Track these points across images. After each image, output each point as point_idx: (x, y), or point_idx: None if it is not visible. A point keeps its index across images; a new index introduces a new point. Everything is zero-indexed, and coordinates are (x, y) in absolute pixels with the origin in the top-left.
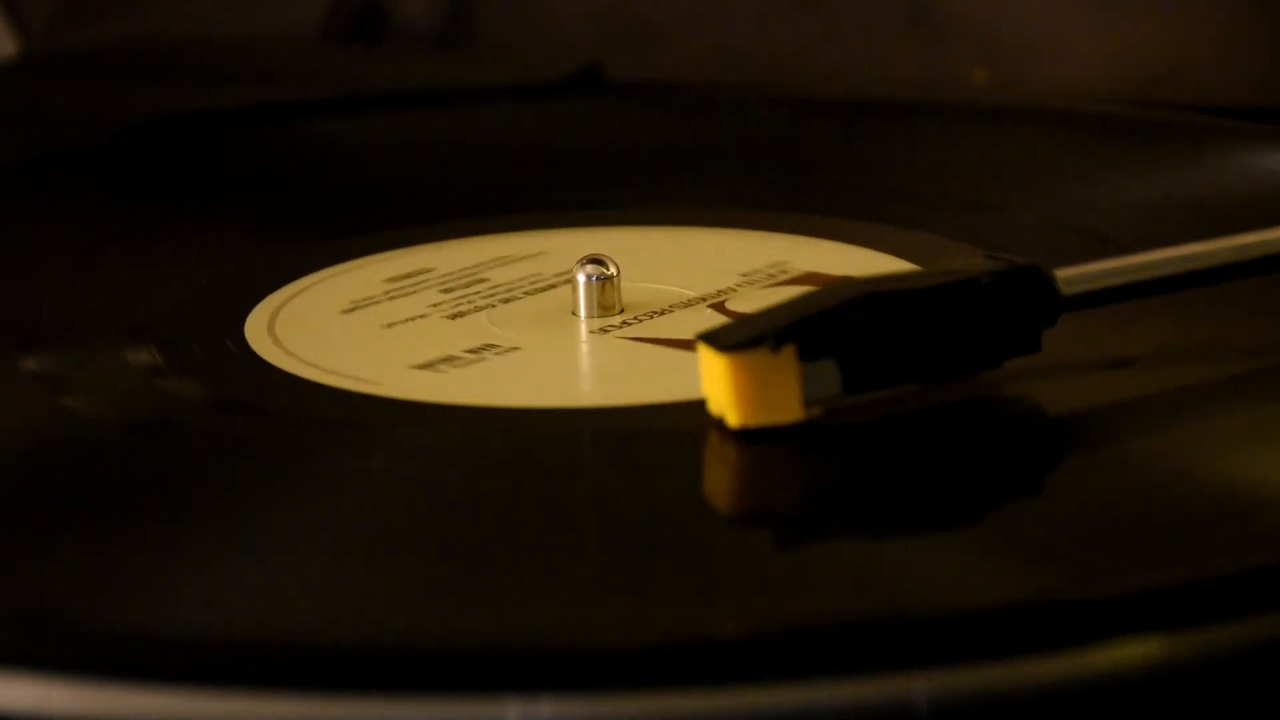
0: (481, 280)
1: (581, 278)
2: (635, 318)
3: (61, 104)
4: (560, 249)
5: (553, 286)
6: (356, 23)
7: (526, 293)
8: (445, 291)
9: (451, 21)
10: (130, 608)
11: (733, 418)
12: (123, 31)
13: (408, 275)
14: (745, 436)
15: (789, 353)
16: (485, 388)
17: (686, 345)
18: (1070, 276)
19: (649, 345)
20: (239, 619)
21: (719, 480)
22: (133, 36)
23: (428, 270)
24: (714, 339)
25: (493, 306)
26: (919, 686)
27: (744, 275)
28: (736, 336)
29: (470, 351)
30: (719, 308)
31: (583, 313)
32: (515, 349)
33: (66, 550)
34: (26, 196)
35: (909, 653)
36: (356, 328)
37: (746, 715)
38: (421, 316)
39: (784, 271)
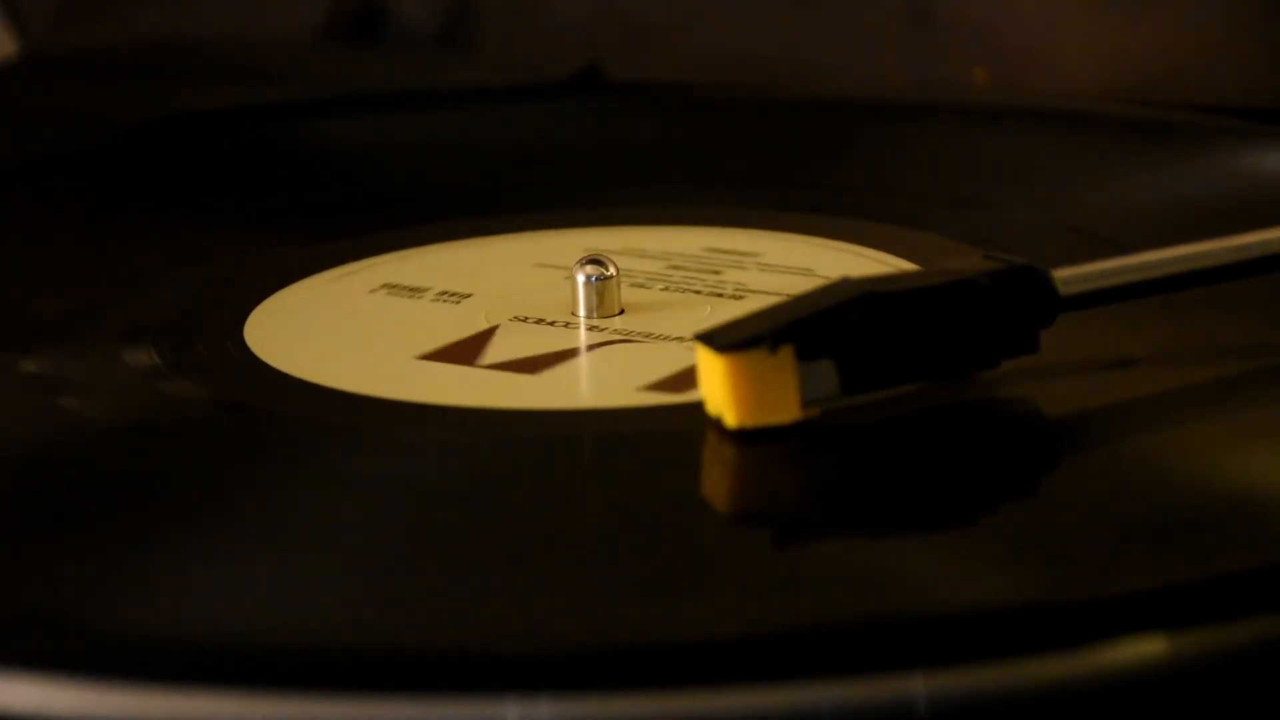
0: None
1: (581, 278)
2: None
3: (61, 104)
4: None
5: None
6: (356, 23)
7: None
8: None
9: (451, 21)
10: (130, 608)
11: (730, 418)
12: (123, 31)
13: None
14: (743, 437)
15: (786, 353)
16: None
17: (685, 345)
18: (1068, 276)
19: (648, 345)
20: (238, 619)
21: (717, 481)
22: (133, 36)
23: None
24: (711, 339)
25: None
26: (919, 686)
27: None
28: (734, 336)
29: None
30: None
31: (582, 313)
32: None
33: (66, 550)
34: (26, 196)
35: (909, 653)
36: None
37: (746, 715)
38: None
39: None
